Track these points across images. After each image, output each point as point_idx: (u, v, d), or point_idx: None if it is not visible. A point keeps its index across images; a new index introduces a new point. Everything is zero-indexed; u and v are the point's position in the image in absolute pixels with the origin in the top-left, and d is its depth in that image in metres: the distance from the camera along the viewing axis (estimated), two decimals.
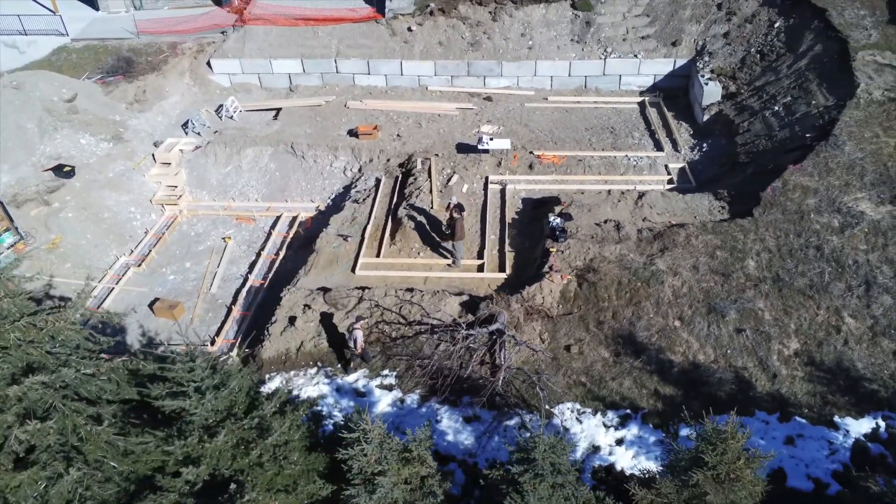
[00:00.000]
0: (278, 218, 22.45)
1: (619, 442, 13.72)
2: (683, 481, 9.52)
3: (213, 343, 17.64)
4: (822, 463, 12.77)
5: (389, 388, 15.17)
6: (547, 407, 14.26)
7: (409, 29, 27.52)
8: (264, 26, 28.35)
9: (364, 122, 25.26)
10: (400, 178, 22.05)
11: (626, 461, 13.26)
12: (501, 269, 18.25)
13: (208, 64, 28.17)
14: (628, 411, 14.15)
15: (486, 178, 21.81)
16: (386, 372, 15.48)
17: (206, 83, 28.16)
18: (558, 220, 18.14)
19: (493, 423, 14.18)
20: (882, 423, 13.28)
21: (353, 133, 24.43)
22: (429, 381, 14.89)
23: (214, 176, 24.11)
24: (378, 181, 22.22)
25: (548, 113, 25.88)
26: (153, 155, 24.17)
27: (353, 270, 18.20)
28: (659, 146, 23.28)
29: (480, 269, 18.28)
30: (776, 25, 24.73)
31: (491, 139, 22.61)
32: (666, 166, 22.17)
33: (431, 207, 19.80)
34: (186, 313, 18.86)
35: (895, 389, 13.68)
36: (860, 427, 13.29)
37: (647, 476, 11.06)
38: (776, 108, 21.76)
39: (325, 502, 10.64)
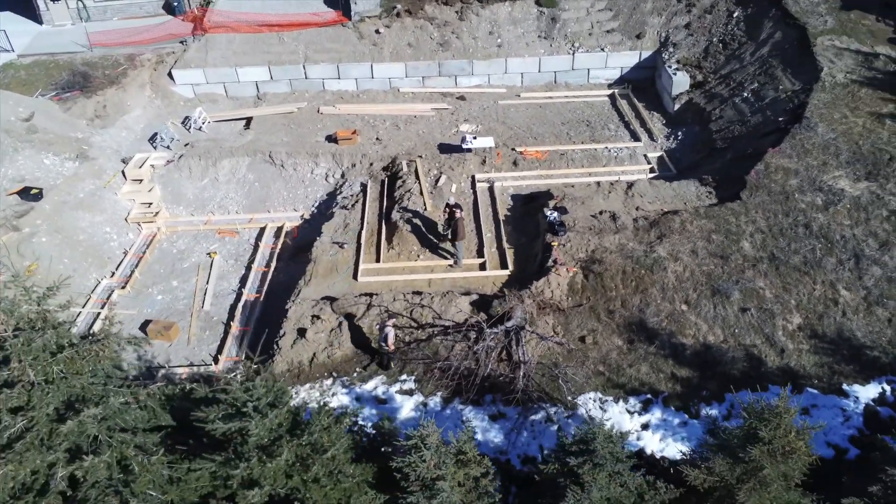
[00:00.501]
0: (263, 229, 21.95)
1: (645, 426, 14.03)
2: (738, 458, 9.82)
3: (216, 362, 17.12)
4: (838, 430, 13.39)
5: (410, 392, 15.06)
6: (570, 398, 14.47)
7: (377, 31, 27.32)
8: (227, 34, 27.61)
9: (340, 127, 24.96)
10: (386, 182, 21.88)
11: (655, 444, 13.58)
12: (503, 266, 18.37)
13: (170, 75, 27.25)
14: (649, 396, 14.48)
15: (473, 177, 21.90)
16: (404, 377, 15.36)
17: (169, 95, 27.25)
18: (555, 214, 18.39)
19: (520, 419, 14.27)
20: (888, 388, 14.04)
21: (331, 139, 24.10)
22: (449, 382, 14.85)
23: (190, 190, 23.36)
24: (364, 186, 21.99)
25: (522, 109, 26.17)
26: (123, 172, 23.23)
27: (354, 277, 17.97)
28: (635, 136, 23.89)
29: (482, 267, 18.35)
30: (735, 15, 25.72)
31: (474, 138, 22.72)
32: (645, 156, 22.78)
33: (425, 209, 19.74)
34: (181, 333, 18.23)
35: (895, 355, 14.47)
36: (868, 393, 14.02)
37: (692, 457, 11.35)
38: (745, 94, 22.66)
39: None
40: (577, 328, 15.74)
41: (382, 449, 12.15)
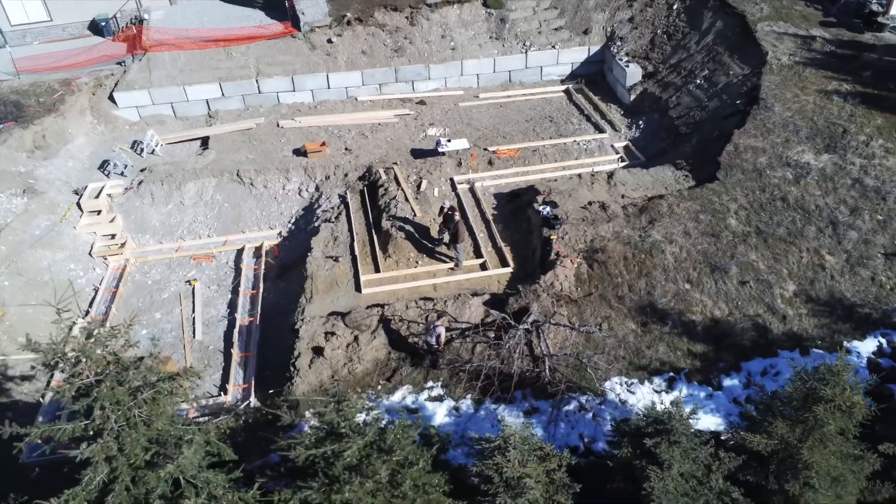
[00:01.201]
0: (241, 251, 21.12)
1: (675, 404, 14.50)
2: (802, 418, 10.38)
3: (224, 392, 16.35)
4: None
5: (440, 398, 14.95)
6: (597, 385, 14.80)
7: (329, 41, 26.89)
8: (170, 52, 26.39)
9: (304, 140, 24.39)
10: (366, 191, 21.56)
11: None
12: (503, 264, 18.51)
13: (112, 99, 25.78)
14: (671, 374, 15.01)
15: (452, 180, 21.97)
16: (430, 383, 15.23)
17: (112, 119, 25.77)
18: (547, 208, 18.73)
19: (553, 411, 14.47)
20: (883, 340, 15.19)
21: (299, 152, 23.52)
22: (478, 384, 14.86)
23: (155, 217, 22.18)
24: (343, 198, 21.58)
25: (483, 109, 26.48)
26: (78, 204, 21.78)
27: (358, 290, 17.61)
28: (599, 128, 24.68)
29: (483, 267, 18.40)
30: (674, 7, 27.05)
31: (449, 141, 22.80)
32: (612, 146, 23.56)
33: (414, 216, 19.60)
34: (178, 366, 17.26)
35: (883, 310, 15.68)
36: (867, 347, 15.11)
37: (739, 425, 11.86)
38: (698, 80, 23.88)
39: None
40: (592, 316, 16.10)
41: (442, 457, 12.06)
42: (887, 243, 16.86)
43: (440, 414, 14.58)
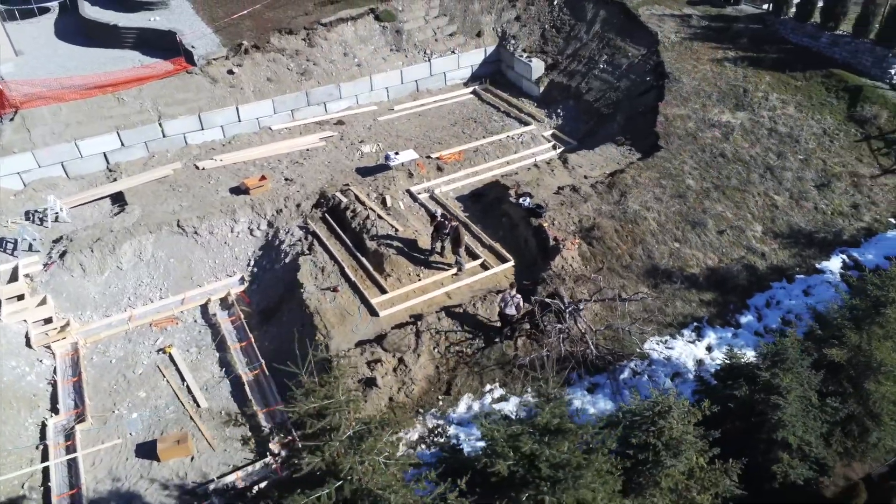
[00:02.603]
0: (205, 306, 19.30)
1: (710, 349, 15.90)
2: (865, 324, 11.98)
3: (271, 454, 14.90)
4: (836, 297, 16.63)
5: (504, 398, 14.99)
6: (638, 350, 15.74)
7: (231, 72, 25.33)
8: (48, 106, 23.22)
9: (234, 178, 22.80)
10: (328, 217, 20.69)
11: None
12: (502, 259, 18.82)
13: None
14: (696, 324, 16.39)
15: (409, 191, 21.85)
16: (488, 387, 15.20)
17: None
18: (526, 199, 19.38)
19: (612, 382, 15.15)
20: (844, 257, 17.81)
21: (239, 191, 21.93)
22: (548, 374, 15.05)
23: (92, 289, 19.49)
24: (305, 228, 20.53)
25: (404, 120, 26.54)
26: None
27: (374, 314, 16.95)
28: (523, 122, 25.87)
29: (484, 266, 18.57)
30: (555, 3, 29.08)
31: (397, 154, 22.60)
32: (542, 135, 24.84)
33: (396, 231, 19.25)
34: (196, 440, 15.45)
35: (833, 232, 18.35)
36: (834, 265, 17.64)
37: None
38: (601, 66, 25.96)
39: None
40: (609, 289, 17.00)
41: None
42: (814, 177, 19.75)
43: (512, 412, 14.59)
